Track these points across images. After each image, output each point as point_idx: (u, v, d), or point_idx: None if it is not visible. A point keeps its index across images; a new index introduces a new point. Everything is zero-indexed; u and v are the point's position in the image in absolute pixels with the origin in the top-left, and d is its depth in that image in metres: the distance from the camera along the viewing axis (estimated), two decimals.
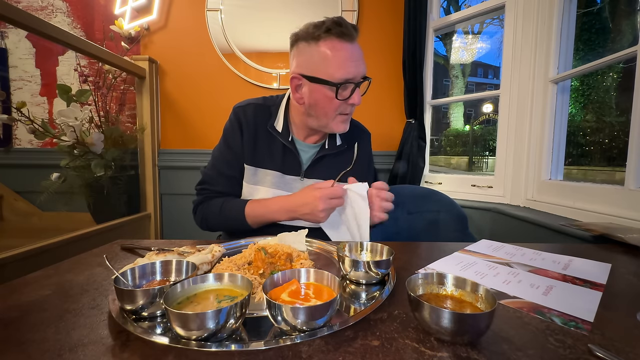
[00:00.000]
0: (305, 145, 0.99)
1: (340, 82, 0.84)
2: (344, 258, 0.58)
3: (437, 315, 0.38)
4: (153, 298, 0.44)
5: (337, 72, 0.84)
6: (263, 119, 0.98)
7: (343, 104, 0.88)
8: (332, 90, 0.85)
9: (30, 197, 2.18)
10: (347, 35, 0.84)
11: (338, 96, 0.86)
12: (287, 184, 0.97)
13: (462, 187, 1.80)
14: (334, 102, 0.87)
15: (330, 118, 0.90)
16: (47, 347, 0.38)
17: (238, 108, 1.00)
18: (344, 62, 0.84)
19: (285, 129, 0.97)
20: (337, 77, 0.84)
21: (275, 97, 1.04)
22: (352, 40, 0.85)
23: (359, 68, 0.86)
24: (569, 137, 1.49)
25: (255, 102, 1.01)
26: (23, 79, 2.21)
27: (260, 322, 0.45)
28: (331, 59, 0.84)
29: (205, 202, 0.98)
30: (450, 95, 3.43)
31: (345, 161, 1.00)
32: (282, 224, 0.97)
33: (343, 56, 0.84)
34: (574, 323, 0.45)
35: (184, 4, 2.06)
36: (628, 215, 1.06)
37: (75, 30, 2.16)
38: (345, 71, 0.84)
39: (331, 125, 0.91)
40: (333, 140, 1.00)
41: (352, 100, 0.87)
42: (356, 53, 0.86)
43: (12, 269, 1.10)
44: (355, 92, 0.87)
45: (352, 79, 0.85)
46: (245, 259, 0.63)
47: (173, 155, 2.09)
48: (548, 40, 1.46)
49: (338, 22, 0.84)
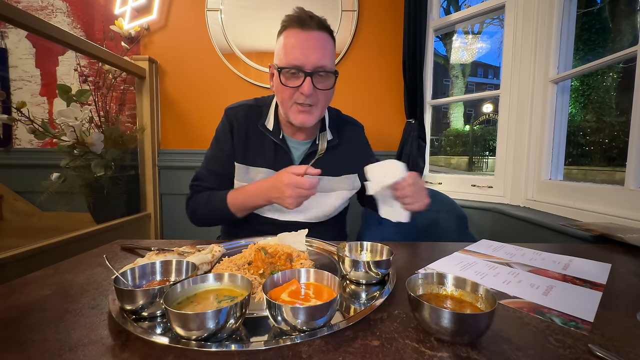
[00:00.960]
0: (296, 142, 1.00)
1: (283, 67, 0.85)
2: (344, 258, 0.58)
3: (437, 315, 0.38)
4: (153, 298, 0.44)
5: (284, 57, 0.86)
6: (254, 118, 0.99)
7: (295, 92, 0.87)
8: (282, 75, 0.86)
9: (30, 197, 2.17)
10: (299, 24, 0.84)
11: (282, 81, 0.86)
12: None
13: (462, 187, 1.80)
14: (285, 90, 0.87)
15: (287, 107, 0.90)
16: (47, 347, 0.38)
17: (229, 110, 1.03)
18: (291, 49, 0.84)
19: (276, 127, 0.98)
20: (284, 62, 0.85)
21: (267, 97, 1.06)
22: (307, 29, 0.84)
23: (309, 57, 0.84)
24: (569, 137, 1.49)
25: (246, 103, 1.03)
26: (23, 79, 2.21)
27: (260, 322, 0.45)
28: (283, 46, 0.86)
29: (195, 196, 1.01)
30: (450, 95, 3.43)
31: (337, 156, 1.01)
32: (282, 223, 0.98)
33: (292, 43, 0.85)
34: (574, 323, 0.45)
35: (184, 4, 2.06)
36: (628, 215, 1.06)
37: (75, 30, 2.16)
38: (292, 57, 0.84)
39: (289, 114, 0.91)
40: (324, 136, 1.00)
41: (302, 89, 0.85)
42: (309, 42, 0.84)
43: (12, 269, 1.10)
44: (306, 81, 0.84)
45: (301, 66, 0.84)
46: (245, 259, 0.64)
47: (173, 155, 2.09)
48: (548, 40, 1.46)
49: (296, 13, 0.86)
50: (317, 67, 0.85)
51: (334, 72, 0.89)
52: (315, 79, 0.85)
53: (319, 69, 0.85)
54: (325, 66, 0.86)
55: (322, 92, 0.89)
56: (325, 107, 0.94)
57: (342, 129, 1.05)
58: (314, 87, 0.85)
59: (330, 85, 0.90)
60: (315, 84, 0.86)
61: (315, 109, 0.90)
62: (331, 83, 0.90)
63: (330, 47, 0.89)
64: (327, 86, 0.89)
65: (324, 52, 0.86)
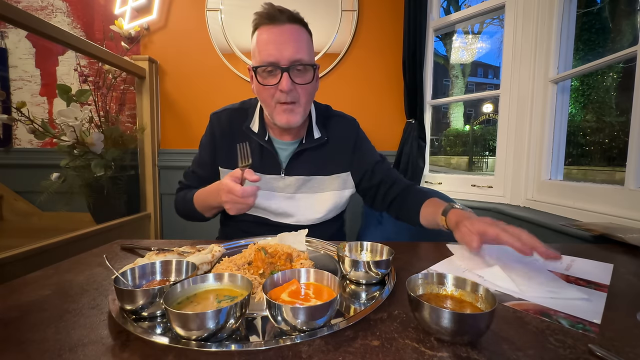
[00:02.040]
0: (283, 143, 0.97)
1: (259, 66, 0.83)
2: (344, 258, 0.58)
3: (437, 315, 0.38)
4: (153, 298, 0.44)
5: (258, 55, 0.83)
6: (239, 121, 0.98)
7: (275, 91, 0.83)
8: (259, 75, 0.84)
9: (30, 197, 2.17)
10: (269, 19, 0.82)
11: (259, 81, 0.84)
12: (266, 183, 0.96)
13: (462, 187, 1.80)
14: (263, 90, 0.85)
15: (271, 107, 0.87)
16: (47, 347, 0.38)
17: (213, 115, 1.03)
18: (265, 45, 0.82)
19: (261, 129, 0.96)
20: (258, 60, 0.83)
21: (253, 100, 1.04)
22: (278, 23, 0.81)
23: (283, 51, 0.80)
24: (569, 137, 1.49)
25: (231, 107, 1.03)
26: (23, 79, 2.21)
27: (260, 322, 0.45)
28: (256, 44, 0.84)
29: (178, 193, 1.05)
30: (450, 95, 3.43)
31: (330, 155, 0.98)
32: (282, 224, 0.98)
33: (263, 39, 0.82)
34: (582, 325, 0.44)
35: (184, 4, 2.06)
36: (628, 215, 1.06)
37: (75, 30, 2.16)
38: (266, 54, 0.81)
39: (274, 115, 0.87)
40: (311, 135, 0.97)
41: (280, 86, 0.81)
42: (282, 36, 0.81)
43: (12, 269, 1.10)
44: (283, 77, 0.81)
45: (276, 62, 0.81)
46: (245, 259, 0.63)
47: (173, 155, 2.09)
48: (548, 40, 1.46)
49: (265, 9, 0.83)
50: (293, 61, 0.81)
51: (313, 65, 0.85)
52: (292, 73, 0.82)
53: (295, 63, 0.82)
54: (302, 59, 0.82)
55: (302, 87, 0.85)
56: (308, 103, 0.90)
57: (330, 125, 1.01)
58: (292, 82, 0.82)
59: (310, 79, 0.86)
60: (293, 79, 0.82)
61: (298, 107, 0.86)
62: (310, 77, 0.86)
63: (305, 39, 0.85)
64: (306, 80, 0.85)
65: (299, 45, 0.82)
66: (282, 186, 0.97)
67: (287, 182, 0.97)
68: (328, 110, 1.06)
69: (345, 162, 1.00)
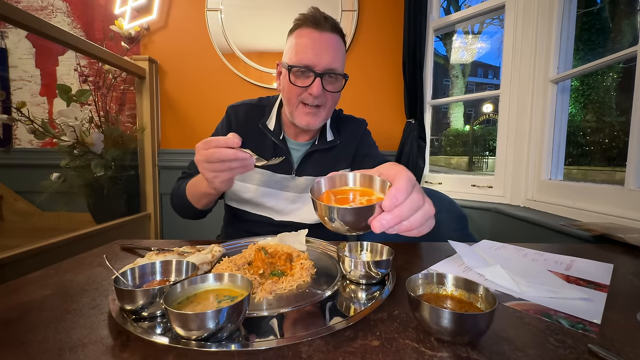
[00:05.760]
0: (297, 143, 0.99)
1: (294, 65, 0.85)
2: (344, 258, 0.58)
3: (437, 315, 0.38)
4: (153, 298, 0.44)
5: (295, 56, 0.85)
6: (256, 118, 0.99)
7: (303, 92, 0.86)
8: (292, 74, 0.86)
9: (30, 197, 2.17)
10: (313, 24, 0.84)
11: (291, 79, 0.86)
12: (277, 182, 0.97)
13: (462, 187, 1.80)
14: (293, 88, 0.87)
15: (293, 106, 0.89)
16: (47, 347, 0.38)
17: (231, 108, 1.03)
18: (303, 48, 0.85)
19: (277, 127, 0.98)
20: (294, 61, 0.85)
21: (271, 97, 1.06)
22: (320, 29, 0.85)
23: (321, 57, 0.84)
24: (569, 137, 1.49)
25: (249, 102, 1.03)
26: (23, 79, 2.21)
27: (260, 322, 0.45)
28: (294, 45, 0.86)
29: (176, 182, 1.01)
30: (450, 95, 3.43)
31: (337, 156, 1.00)
32: (281, 224, 0.98)
33: (304, 42, 0.85)
34: (582, 325, 0.44)
35: (184, 4, 2.06)
36: (628, 215, 1.06)
37: (75, 30, 2.16)
38: (303, 56, 0.84)
39: (295, 114, 0.90)
40: (324, 137, 1.00)
41: (311, 89, 0.85)
42: (322, 43, 0.85)
43: (12, 269, 1.10)
44: (316, 81, 0.84)
45: (312, 66, 0.84)
46: (245, 259, 0.64)
47: (173, 155, 2.09)
48: (548, 40, 1.46)
49: (311, 12, 0.86)
50: (327, 69, 0.85)
51: (344, 76, 0.90)
52: (325, 80, 0.86)
53: (329, 71, 0.85)
54: (336, 69, 0.86)
55: (330, 94, 0.89)
56: (331, 109, 0.94)
57: (342, 128, 1.05)
58: (323, 88, 0.86)
59: (339, 88, 0.90)
60: (324, 86, 0.86)
61: (322, 111, 0.90)
62: (340, 86, 0.90)
63: (342, 51, 0.89)
64: (336, 89, 0.89)
65: (335, 54, 0.86)
66: (291, 186, 0.98)
67: (297, 182, 0.98)
68: (340, 114, 1.10)
69: (349, 162, 1.02)
